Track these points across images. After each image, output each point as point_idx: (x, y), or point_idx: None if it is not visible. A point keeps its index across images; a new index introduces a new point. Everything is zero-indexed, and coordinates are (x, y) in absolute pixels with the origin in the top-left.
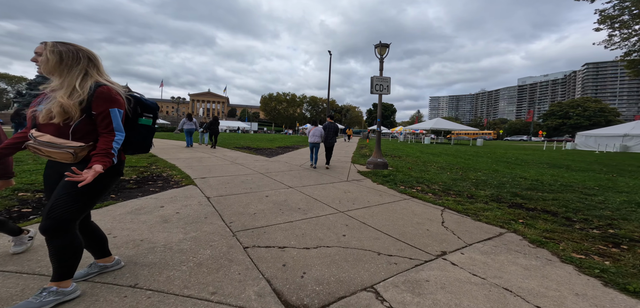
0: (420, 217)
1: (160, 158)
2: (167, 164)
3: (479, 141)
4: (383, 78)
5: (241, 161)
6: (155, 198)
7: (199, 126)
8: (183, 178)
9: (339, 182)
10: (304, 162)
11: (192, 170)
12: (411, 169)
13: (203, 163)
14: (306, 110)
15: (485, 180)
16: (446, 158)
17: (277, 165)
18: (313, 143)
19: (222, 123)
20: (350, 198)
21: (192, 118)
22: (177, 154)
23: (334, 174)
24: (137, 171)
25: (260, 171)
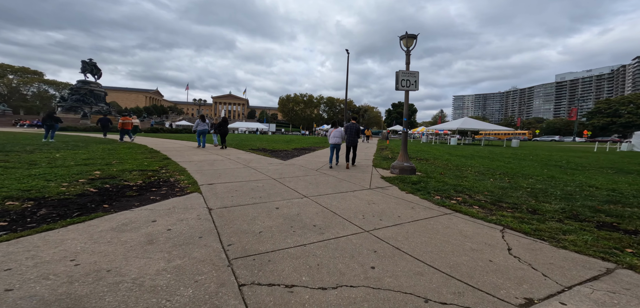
0: (474, 241)
1: (173, 160)
2: (178, 167)
3: (514, 142)
4: (410, 73)
5: (255, 164)
6: (150, 210)
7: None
8: (189, 184)
9: (361, 190)
10: (321, 165)
11: (201, 175)
12: (444, 175)
13: (214, 166)
14: (323, 111)
15: (545, 189)
16: (481, 161)
17: (292, 169)
18: (334, 144)
19: (241, 124)
20: (376, 211)
21: (205, 119)
22: (191, 157)
23: (355, 180)
24: (145, 175)
25: (273, 176)
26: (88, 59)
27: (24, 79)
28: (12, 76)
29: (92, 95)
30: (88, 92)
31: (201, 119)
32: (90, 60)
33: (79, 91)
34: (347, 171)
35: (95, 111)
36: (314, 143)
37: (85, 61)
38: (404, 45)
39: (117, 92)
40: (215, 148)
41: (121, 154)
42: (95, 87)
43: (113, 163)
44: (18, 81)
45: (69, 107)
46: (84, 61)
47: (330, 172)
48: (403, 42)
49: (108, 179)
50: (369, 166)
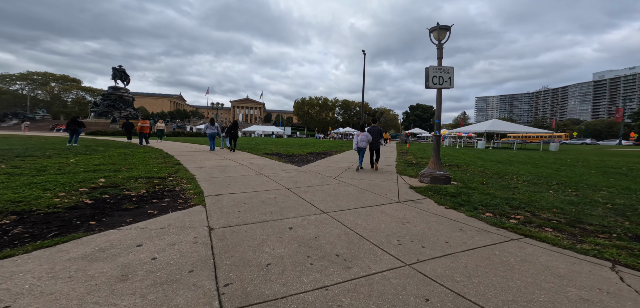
0: (578, 285)
1: (184, 166)
2: (187, 174)
3: (552, 145)
4: (443, 68)
5: (267, 171)
6: (140, 229)
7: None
8: (195, 195)
9: (389, 204)
10: (339, 172)
11: (209, 183)
12: (487, 185)
13: (225, 173)
14: (338, 114)
15: (632, 206)
16: (523, 167)
17: (307, 177)
18: (360, 148)
19: (258, 127)
20: (414, 234)
21: (214, 122)
22: (203, 162)
23: (379, 190)
24: (151, 183)
25: (287, 185)
26: (118, 65)
27: (64, 87)
28: (54, 84)
29: (121, 100)
30: (118, 98)
31: (211, 123)
32: (120, 67)
33: (109, 96)
34: (369, 180)
35: (123, 115)
36: (330, 146)
37: (115, 68)
38: (434, 38)
39: (145, 97)
40: (226, 152)
41: (134, 160)
42: (124, 92)
43: (123, 169)
44: (59, 88)
45: (100, 112)
46: (114, 68)
47: (350, 181)
48: (434, 35)
49: (110, 189)
50: (392, 173)
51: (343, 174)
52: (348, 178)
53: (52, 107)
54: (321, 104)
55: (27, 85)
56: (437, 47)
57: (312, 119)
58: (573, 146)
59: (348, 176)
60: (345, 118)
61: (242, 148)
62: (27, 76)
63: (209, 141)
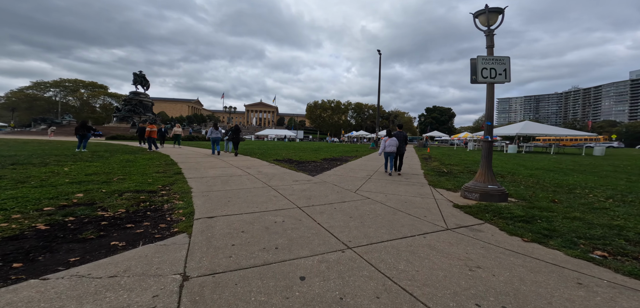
0: None
1: (184, 176)
2: (183, 187)
3: (597, 149)
4: (496, 59)
5: (276, 181)
6: (75, 279)
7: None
8: (183, 216)
9: (435, 231)
10: (360, 183)
11: (205, 199)
12: (560, 203)
13: (228, 185)
14: (351, 117)
15: None
16: (584, 177)
17: (323, 190)
18: (389, 153)
19: (271, 131)
20: (499, 290)
21: (217, 126)
22: (207, 171)
23: (414, 209)
24: (136, 200)
25: (298, 202)
26: (138, 71)
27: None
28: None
29: (141, 105)
30: (138, 103)
31: (214, 127)
32: (140, 72)
33: (130, 101)
34: (397, 193)
35: (143, 120)
36: (344, 151)
37: (136, 73)
38: (482, 24)
39: (165, 102)
40: (232, 157)
41: (133, 168)
42: (144, 97)
43: (114, 180)
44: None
45: (122, 117)
46: (135, 73)
47: (375, 196)
48: (481, 20)
49: (82, 208)
50: (423, 185)
51: (365, 185)
52: (371, 191)
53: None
54: (334, 107)
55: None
56: (486, 34)
57: (325, 122)
58: (617, 150)
59: (371, 189)
60: (358, 121)
61: (253, 153)
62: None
63: (212, 145)
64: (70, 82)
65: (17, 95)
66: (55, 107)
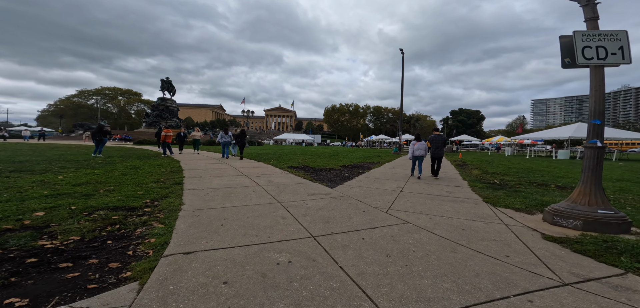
0: None
1: (184, 187)
2: (173, 204)
3: None
4: (607, 33)
5: (288, 196)
6: None
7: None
8: (150, 250)
9: (544, 289)
10: (391, 200)
11: (193, 221)
12: None
13: (229, 201)
14: (370, 121)
15: None
16: None
17: (344, 209)
18: (417, 156)
19: (289, 135)
20: None
21: (228, 131)
22: (210, 181)
23: (482, 241)
24: (107, 221)
25: (313, 228)
26: (165, 77)
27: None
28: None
29: (167, 111)
30: (165, 109)
31: (224, 132)
32: (167, 78)
33: (158, 107)
34: (446, 215)
35: (168, 125)
36: (365, 157)
37: (163, 80)
38: None
39: (191, 108)
40: (244, 166)
41: (132, 177)
42: (170, 103)
43: (100, 192)
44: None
45: (150, 122)
46: (162, 80)
47: (416, 218)
48: None
49: (27, 232)
50: (477, 202)
51: (398, 202)
52: (409, 210)
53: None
54: (352, 111)
55: (100, 99)
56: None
57: (343, 126)
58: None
59: (407, 207)
60: (377, 125)
61: (267, 159)
62: (100, 91)
63: (222, 149)
64: (110, 90)
65: (64, 103)
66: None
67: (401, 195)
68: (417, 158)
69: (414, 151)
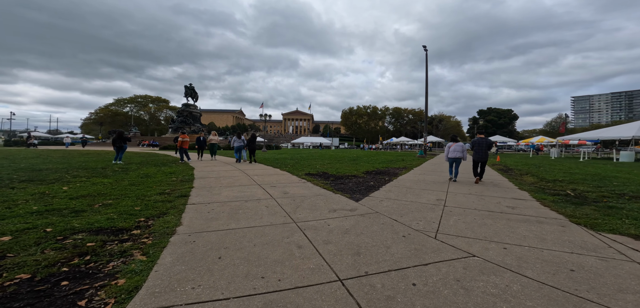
0: None
1: (189, 201)
2: (169, 223)
3: None
4: None
5: (305, 212)
6: None
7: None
8: (112, 300)
9: None
10: (437, 215)
11: (185, 251)
12: None
13: (234, 221)
14: (389, 123)
15: None
16: None
17: (377, 232)
18: (453, 158)
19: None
20: None
21: (240, 136)
22: (220, 193)
23: (623, 294)
24: (80, 249)
25: (339, 265)
26: (188, 84)
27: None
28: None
29: (191, 116)
30: (188, 114)
31: (237, 136)
32: (190, 85)
33: (182, 113)
34: (532, 246)
35: (192, 130)
36: (388, 161)
37: (186, 86)
38: None
39: (213, 113)
40: (259, 176)
41: (139, 188)
42: (193, 109)
43: (95, 206)
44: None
45: (175, 128)
46: (186, 86)
47: (481, 247)
48: None
49: None
50: (565, 225)
51: (447, 221)
52: (467, 235)
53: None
54: (370, 113)
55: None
56: None
57: (361, 129)
58: None
59: (462, 229)
60: (396, 127)
61: (284, 164)
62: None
63: (235, 154)
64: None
65: (103, 111)
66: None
67: (447, 210)
68: (454, 160)
69: (450, 152)
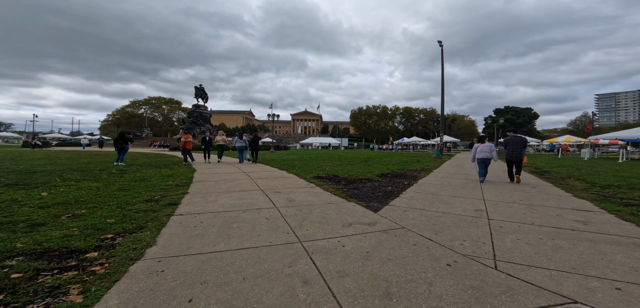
0: None
1: (176, 211)
2: (136, 245)
3: None
4: None
5: (313, 227)
6: None
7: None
8: None
9: None
10: (491, 244)
11: (146, 286)
12: None
13: (224, 239)
14: (399, 123)
15: None
16: None
17: (408, 256)
18: (482, 159)
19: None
20: None
21: (242, 136)
22: (216, 200)
23: None
24: (28, 271)
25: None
26: (198, 85)
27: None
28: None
29: (201, 117)
30: (198, 115)
31: (239, 137)
32: (200, 86)
33: (192, 114)
34: None
35: (202, 131)
36: (402, 162)
37: (196, 87)
38: None
39: (223, 114)
40: (261, 179)
41: (127, 193)
42: (204, 110)
43: (62, 218)
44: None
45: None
46: (196, 87)
47: (582, 289)
48: None
49: None
50: None
51: (502, 241)
52: (543, 265)
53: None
54: (380, 113)
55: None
56: None
57: (370, 129)
58: None
59: (529, 254)
60: (407, 127)
61: (291, 166)
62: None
63: (238, 154)
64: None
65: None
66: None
67: (495, 225)
68: (482, 161)
69: (477, 153)
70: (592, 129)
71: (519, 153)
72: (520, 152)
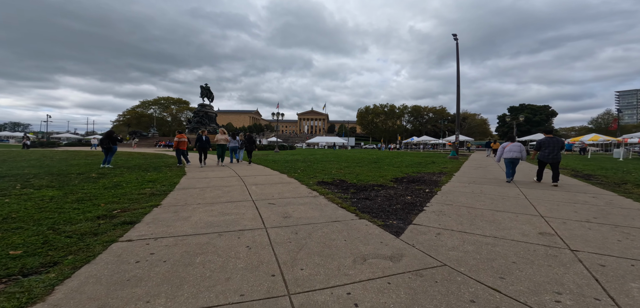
0: None
1: (133, 228)
2: (20, 297)
3: None
4: None
5: (314, 263)
6: None
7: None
8: None
9: None
10: (575, 295)
11: None
12: None
13: (173, 281)
14: (407, 122)
15: None
16: None
17: None
18: (510, 159)
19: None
20: None
21: (236, 136)
22: (192, 213)
23: None
24: None
25: None
26: (204, 84)
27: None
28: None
29: (206, 117)
30: (204, 115)
31: (232, 137)
32: (206, 85)
33: (198, 113)
34: None
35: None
36: (415, 163)
37: (202, 86)
38: None
39: (230, 114)
40: (255, 181)
41: (66, 209)
42: (209, 109)
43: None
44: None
45: (192, 128)
46: (201, 86)
47: None
48: None
49: None
50: None
51: (623, 296)
52: None
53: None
54: (387, 112)
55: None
56: None
57: (377, 128)
58: None
59: None
60: (415, 126)
61: (294, 168)
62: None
63: (230, 154)
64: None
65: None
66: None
67: (589, 260)
68: (510, 161)
69: (505, 153)
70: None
71: (557, 155)
72: (558, 154)
